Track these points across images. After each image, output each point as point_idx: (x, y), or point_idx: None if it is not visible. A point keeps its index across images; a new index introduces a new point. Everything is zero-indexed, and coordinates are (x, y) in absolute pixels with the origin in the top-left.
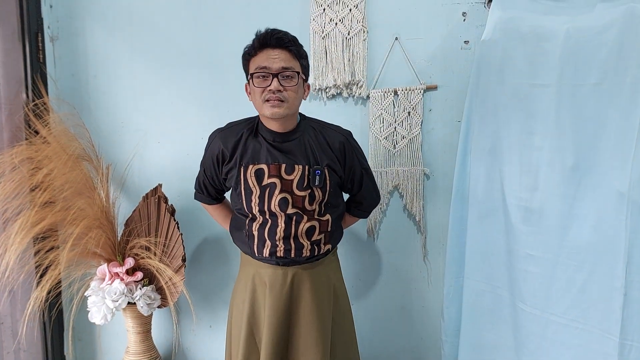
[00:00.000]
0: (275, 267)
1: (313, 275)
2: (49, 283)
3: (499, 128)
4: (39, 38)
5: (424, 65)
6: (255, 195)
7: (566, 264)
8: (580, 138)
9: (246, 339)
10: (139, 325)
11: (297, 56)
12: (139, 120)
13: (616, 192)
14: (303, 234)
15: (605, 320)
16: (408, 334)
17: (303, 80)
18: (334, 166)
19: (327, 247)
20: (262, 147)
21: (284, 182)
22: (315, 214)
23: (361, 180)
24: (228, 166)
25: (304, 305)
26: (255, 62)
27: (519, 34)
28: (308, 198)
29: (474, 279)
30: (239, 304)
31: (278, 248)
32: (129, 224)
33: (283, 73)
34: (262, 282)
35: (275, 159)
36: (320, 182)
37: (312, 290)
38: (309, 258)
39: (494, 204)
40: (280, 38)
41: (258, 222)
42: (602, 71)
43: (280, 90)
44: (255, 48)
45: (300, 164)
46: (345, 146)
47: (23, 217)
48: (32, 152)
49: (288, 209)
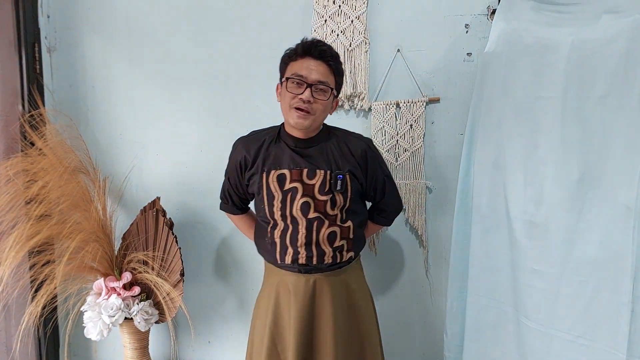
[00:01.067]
0: (297, 275)
1: (335, 283)
2: (44, 298)
3: (503, 141)
4: (36, 49)
5: (426, 78)
6: (278, 200)
7: (572, 279)
8: (586, 151)
9: (268, 347)
10: (136, 341)
11: (335, 72)
12: (137, 132)
13: (623, 206)
14: (324, 239)
15: (612, 336)
16: (410, 350)
17: (334, 96)
18: (356, 172)
19: (349, 255)
20: (284, 153)
21: (306, 186)
22: (337, 219)
23: (384, 188)
24: (250, 172)
25: (325, 313)
26: (294, 67)
27: (523, 45)
28: (329, 203)
29: (478, 294)
30: (262, 313)
31: (300, 255)
32: (126, 237)
33: (317, 85)
34: (286, 289)
35: (297, 164)
36: (341, 187)
37: (333, 299)
38: (330, 265)
39: (497, 218)
40: (324, 51)
41: (280, 229)
42: (608, 83)
43: (311, 101)
44: (297, 54)
45: (322, 168)
46: (367, 153)
47: (18, 230)
48: (27, 164)
49: (309, 214)
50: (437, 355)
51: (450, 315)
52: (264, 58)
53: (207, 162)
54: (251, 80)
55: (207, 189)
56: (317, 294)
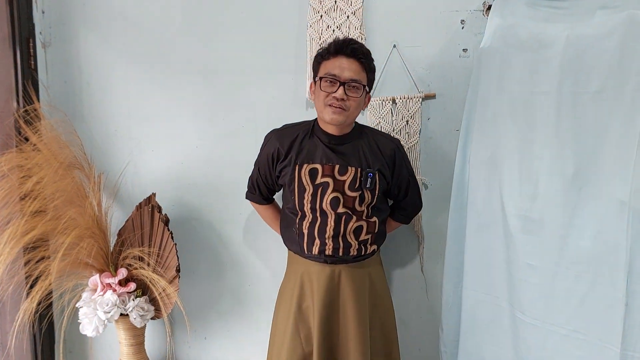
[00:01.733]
0: (323, 265)
1: (358, 273)
2: (39, 294)
3: (499, 137)
4: (31, 44)
5: (422, 74)
6: (308, 193)
7: (566, 274)
8: (580, 146)
9: (292, 334)
10: (131, 337)
11: (367, 70)
12: (133, 128)
13: (617, 200)
14: (351, 233)
15: (607, 331)
16: (406, 344)
17: (366, 92)
18: (384, 171)
19: (372, 248)
20: (317, 148)
21: (337, 182)
22: (363, 215)
23: (407, 187)
24: (283, 164)
25: (348, 301)
26: (327, 66)
27: (519, 41)
28: (358, 199)
29: (473, 289)
30: (286, 300)
31: (327, 246)
32: (121, 233)
33: (350, 83)
34: (310, 279)
35: (330, 160)
36: (371, 184)
37: (355, 289)
38: (355, 257)
39: (493, 214)
40: (356, 49)
41: (308, 220)
42: (602, 79)
43: (344, 99)
44: (330, 53)
45: (353, 166)
46: (396, 153)
47: (12, 226)
48: (22, 159)
49: (339, 208)
50: (432, 349)
51: (445, 310)
52: (260, 54)
53: (202, 159)
54: (247, 77)
55: (203, 185)
56: (342, 284)
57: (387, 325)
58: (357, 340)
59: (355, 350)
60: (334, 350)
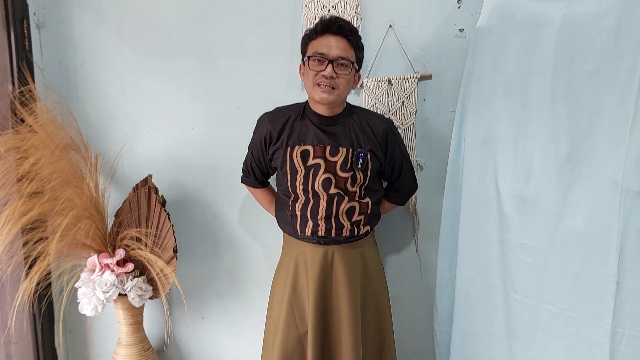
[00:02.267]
0: (316, 246)
1: (351, 254)
2: (38, 274)
3: (494, 117)
4: (25, 25)
5: (418, 54)
6: (300, 175)
7: (559, 253)
8: (575, 127)
9: (287, 314)
10: (130, 316)
11: (355, 47)
12: (128, 109)
13: (610, 180)
14: (344, 214)
15: (598, 309)
16: (401, 323)
17: (355, 70)
18: (376, 152)
19: (366, 229)
20: (308, 129)
21: (329, 163)
22: (356, 196)
23: (401, 168)
24: (275, 147)
25: (341, 281)
26: (314, 46)
27: (515, 20)
28: (350, 180)
29: (467, 269)
30: (281, 282)
31: (319, 227)
32: (119, 215)
33: (339, 61)
34: (305, 260)
35: (321, 141)
36: (362, 165)
37: (348, 269)
38: (348, 238)
39: (487, 194)
40: (342, 27)
41: (301, 202)
42: (598, 58)
43: (333, 77)
44: (316, 32)
45: (344, 146)
46: (388, 133)
47: (10, 207)
48: (18, 141)
49: (331, 189)
50: (427, 328)
51: (439, 289)
52: (256, 35)
53: (198, 140)
54: (242, 57)
55: (199, 167)
56: (335, 264)
57: (381, 304)
58: (349, 321)
59: (347, 330)
60: (328, 330)
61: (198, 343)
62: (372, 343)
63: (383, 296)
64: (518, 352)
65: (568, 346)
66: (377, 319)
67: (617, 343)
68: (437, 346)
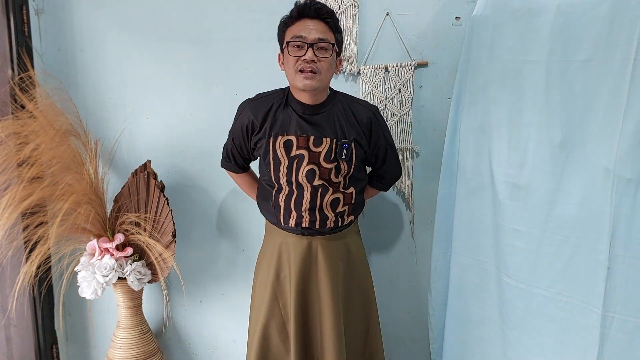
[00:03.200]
0: (300, 237)
1: (335, 245)
2: (39, 258)
3: (489, 105)
4: (24, 11)
5: (415, 42)
6: (284, 166)
7: (552, 238)
8: (568, 114)
9: (270, 301)
10: (129, 300)
11: (333, 29)
12: (127, 95)
13: (602, 168)
14: (328, 205)
15: (589, 293)
16: (396, 308)
17: (337, 53)
18: (361, 140)
19: (350, 218)
20: (291, 119)
21: (312, 154)
22: (340, 186)
23: (385, 156)
24: (257, 136)
25: (324, 272)
26: (292, 31)
27: (511, 9)
28: (334, 170)
29: (461, 254)
30: (264, 270)
31: (303, 219)
32: (118, 199)
33: (318, 44)
34: (288, 250)
35: (304, 131)
36: (347, 155)
37: (332, 260)
38: (332, 229)
39: (482, 180)
40: (319, 9)
41: (284, 193)
42: (592, 47)
43: (315, 60)
44: (293, 18)
45: (328, 136)
46: (372, 121)
47: (11, 192)
48: (18, 126)
49: (315, 181)
50: (422, 313)
51: (434, 274)
52: (253, 21)
53: (196, 126)
54: (240, 44)
55: (197, 152)
56: (319, 255)
57: (365, 292)
58: (331, 312)
59: (329, 321)
60: (310, 321)
61: (196, 326)
62: (357, 332)
63: (367, 284)
64: (511, 336)
65: (560, 330)
66: (363, 307)
67: (607, 327)
68: (431, 330)
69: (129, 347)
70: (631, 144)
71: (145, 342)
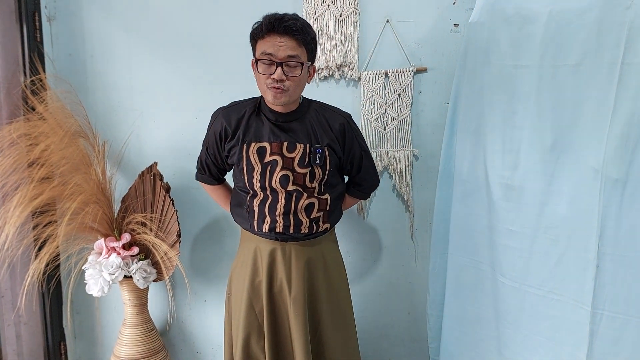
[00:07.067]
0: (274, 242)
1: (310, 251)
2: (47, 256)
3: (484, 109)
4: (36, 18)
5: (414, 48)
6: (257, 172)
7: (543, 238)
8: (559, 118)
9: (247, 309)
10: (135, 298)
11: (305, 43)
12: (135, 100)
13: (591, 169)
14: (302, 210)
15: (579, 291)
16: (396, 308)
17: (308, 66)
18: (334, 146)
19: (325, 226)
20: (264, 126)
21: (286, 159)
22: (315, 192)
23: (360, 162)
24: (230, 143)
25: (299, 279)
26: (262, 46)
27: (504, 15)
28: (309, 176)
29: (458, 255)
30: (239, 277)
31: (277, 224)
32: (125, 200)
33: (288, 62)
34: (262, 256)
35: (277, 137)
36: (320, 160)
37: (307, 266)
38: (307, 235)
39: (477, 182)
40: (288, 27)
41: (259, 198)
42: (581, 52)
43: (283, 79)
44: (262, 31)
45: (301, 142)
46: (345, 127)
47: (21, 191)
48: (29, 128)
49: (289, 186)
50: (420, 312)
51: (432, 275)
52: None
53: (202, 129)
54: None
55: None
56: (293, 261)
57: (341, 301)
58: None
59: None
60: (281, 326)
61: (200, 325)
62: (335, 339)
63: (343, 294)
64: (505, 335)
65: (551, 327)
66: (339, 315)
67: (596, 323)
68: (430, 329)
69: (135, 344)
70: (618, 146)
71: (150, 340)
